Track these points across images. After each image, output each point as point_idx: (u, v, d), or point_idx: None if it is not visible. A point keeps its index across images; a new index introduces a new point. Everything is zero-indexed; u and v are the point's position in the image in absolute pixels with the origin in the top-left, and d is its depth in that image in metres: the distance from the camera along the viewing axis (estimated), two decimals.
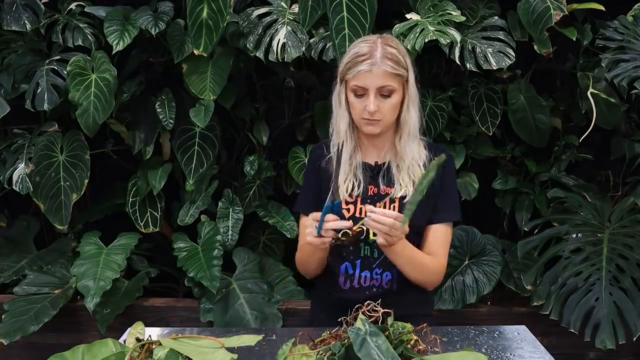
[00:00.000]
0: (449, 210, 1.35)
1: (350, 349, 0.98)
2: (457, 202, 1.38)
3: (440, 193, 1.34)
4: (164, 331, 1.36)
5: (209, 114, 2.22)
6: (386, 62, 1.26)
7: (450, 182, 1.36)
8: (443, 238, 1.35)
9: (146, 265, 2.46)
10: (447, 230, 1.36)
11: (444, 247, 1.35)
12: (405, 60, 1.31)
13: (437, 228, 1.35)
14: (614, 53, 2.15)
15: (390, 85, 1.28)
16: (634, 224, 2.17)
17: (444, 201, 1.34)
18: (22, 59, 2.34)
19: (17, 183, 2.28)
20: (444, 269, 1.36)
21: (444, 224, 1.35)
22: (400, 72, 1.28)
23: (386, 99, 1.29)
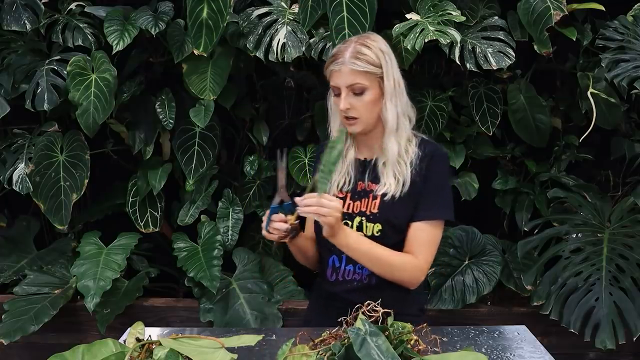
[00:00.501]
0: (432, 208, 1.32)
1: (350, 349, 0.98)
2: (445, 200, 1.34)
3: (423, 190, 1.32)
4: (164, 331, 1.36)
5: (209, 114, 2.22)
6: (353, 61, 1.29)
7: (436, 179, 1.32)
8: (423, 236, 1.31)
9: (146, 265, 2.46)
10: (430, 228, 1.32)
11: (425, 246, 1.31)
12: (380, 58, 1.31)
13: (418, 226, 1.32)
14: (614, 53, 2.15)
15: (360, 83, 1.30)
16: (634, 224, 2.17)
17: (427, 199, 1.32)
18: (22, 59, 2.34)
19: (17, 183, 2.28)
20: (422, 269, 1.32)
21: (426, 222, 1.32)
22: (370, 70, 1.30)
23: (359, 96, 1.31)
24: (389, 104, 1.33)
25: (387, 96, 1.32)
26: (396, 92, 1.33)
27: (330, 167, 1.26)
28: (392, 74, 1.32)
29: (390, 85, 1.32)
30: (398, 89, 1.34)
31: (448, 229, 2.34)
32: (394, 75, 1.33)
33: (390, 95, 1.32)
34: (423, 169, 1.32)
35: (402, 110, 1.35)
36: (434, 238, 1.33)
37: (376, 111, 1.34)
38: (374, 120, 1.35)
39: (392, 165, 1.33)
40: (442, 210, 1.33)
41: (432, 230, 1.33)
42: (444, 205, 1.33)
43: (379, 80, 1.32)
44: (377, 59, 1.31)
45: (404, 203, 1.31)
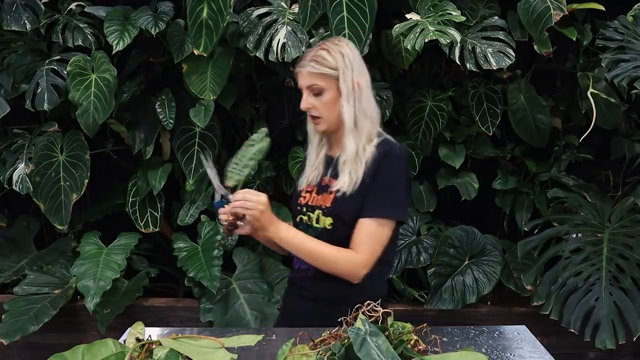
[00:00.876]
0: (378, 206, 1.35)
1: (350, 349, 0.98)
2: (393, 200, 1.36)
3: (371, 188, 1.36)
4: (164, 331, 1.36)
5: (209, 114, 2.22)
6: (310, 64, 1.38)
7: (385, 178, 1.36)
8: (366, 233, 1.35)
9: (146, 265, 2.46)
10: (375, 226, 1.35)
11: (367, 242, 1.35)
12: (338, 62, 1.37)
13: (362, 222, 1.36)
14: (614, 53, 2.15)
15: (317, 84, 1.38)
16: (634, 224, 2.17)
17: (374, 197, 1.35)
18: (22, 59, 2.34)
19: (17, 183, 2.28)
20: (361, 264, 1.35)
21: (371, 219, 1.35)
22: (326, 72, 1.37)
23: (318, 97, 1.40)
24: (345, 105, 1.38)
25: (344, 97, 1.38)
26: (354, 94, 1.38)
27: (247, 163, 1.39)
28: (350, 76, 1.38)
29: (347, 87, 1.38)
30: (357, 90, 1.39)
31: (448, 229, 2.34)
32: (352, 78, 1.38)
33: (347, 96, 1.38)
34: (374, 168, 1.36)
35: (360, 111, 1.40)
36: (378, 235, 1.36)
37: (336, 111, 1.40)
38: (336, 120, 1.41)
39: (350, 163, 1.39)
40: (388, 210, 1.36)
41: (376, 227, 1.35)
42: (391, 205, 1.36)
43: (336, 82, 1.38)
44: (334, 62, 1.38)
45: (354, 200, 1.36)
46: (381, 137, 1.44)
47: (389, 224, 1.37)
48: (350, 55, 1.40)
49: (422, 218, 2.43)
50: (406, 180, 1.41)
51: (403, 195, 1.39)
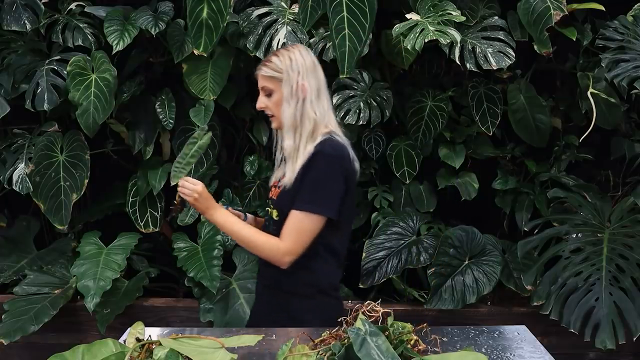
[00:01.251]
0: (303, 201, 1.44)
1: (350, 349, 0.98)
2: (317, 196, 1.44)
3: (300, 184, 1.45)
4: (164, 331, 1.36)
5: (209, 114, 2.22)
6: (262, 67, 1.52)
7: (310, 174, 1.44)
8: (291, 224, 1.45)
9: (146, 265, 2.46)
10: (300, 218, 1.44)
11: (292, 233, 1.45)
12: (285, 66, 1.49)
13: (291, 213, 1.45)
14: (614, 53, 2.15)
15: (267, 85, 1.52)
16: (634, 224, 2.16)
17: (302, 192, 1.44)
18: (22, 59, 2.34)
19: (17, 183, 2.28)
20: (285, 252, 1.45)
21: (297, 212, 1.44)
22: (272, 75, 1.50)
23: (269, 97, 1.53)
24: (285, 105, 1.49)
25: (285, 98, 1.49)
26: (297, 96, 1.48)
27: (189, 160, 1.57)
28: (294, 79, 1.48)
29: (289, 89, 1.48)
30: (300, 93, 1.48)
31: (448, 229, 2.34)
32: (297, 81, 1.48)
33: (288, 97, 1.48)
34: (306, 165, 1.45)
35: (302, 112, 1.48)
36: (302, 227, 1.44)
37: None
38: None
39: (289, 160, 1.50)
40: (312, 205, 1.44)
41: (301, 220, 1.44)
42: (316, 201, 1.44)
43: (282, 84, 1.50)
44: (281, 66, 1.49)
45: (289, 194, 1.47)
46: (325, 136, 1.49)
47: (313, 217, 1.44)
48: (298, 60, 1.50)
49: (422, 218, 2.43)
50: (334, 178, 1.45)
51: (330, 192, 1.45)
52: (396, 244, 2.33)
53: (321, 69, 1.55)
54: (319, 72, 1.53)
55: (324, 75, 1.55)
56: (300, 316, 1.50)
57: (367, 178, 2.54)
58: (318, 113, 1.50)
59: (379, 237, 2.35)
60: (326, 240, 1.50)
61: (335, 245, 1.53)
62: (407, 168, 2.46)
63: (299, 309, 1.51)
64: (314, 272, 1.51)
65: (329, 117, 1.53)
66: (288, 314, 1.52)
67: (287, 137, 1.50)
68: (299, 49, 1.54)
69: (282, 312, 1.53)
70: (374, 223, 2.44)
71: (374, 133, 2.47)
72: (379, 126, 2.43)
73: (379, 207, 2.46)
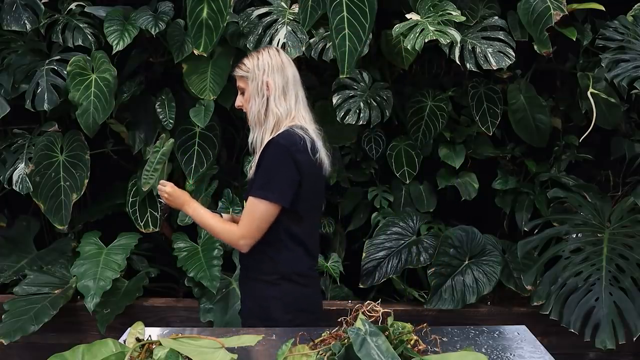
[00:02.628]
0: (254, 188, 1.53)
1: (350, 349, 0.98)
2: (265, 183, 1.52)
3: (255, 172, 1.56)
4: (164, 331, 1.36)
5: (209, 114, 2.22)
6: (236, 68, 1.64)
7: (263, 164, 1.52)
8: (245, 210, 1.55)
9: (146, 265, 2.46)
10: (251, 203, 1.53)
11: (245, 218, 1.55)
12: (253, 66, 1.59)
13: (247, 200, 1.55)
14: (614, 53, 2.15)
15: (240, 84, 1.64)
16: (634, 224, 2.16)
17: (255, 180, 1.55)
18: (22, 59, 2.34)
19: (17, 183, 2.28)
20: (239, 236, 1.55)
21: (250, 197, 1.54)
22: (242, 74, 1.62)
23: (243, 96, 1.65)
24: (252, 102, 1.60)
25: (251, 95, 1.60)
26: (261, 93, 1.58)
27: (155, 167, 1.77)
28: (260, 78, 1.58)
29: (254, 87, 1.59)
30: (264, 91, 1.57)
31: (448, 229, 2.34)
32: (262, 78, 1.58)
33: (253, 94, 1.59)
34: (260, 155, 1.55)
35: (266, 108, 1.58)
36: (254, 213, 1.53)
37: None
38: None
39: (255, 153, 1.60)
40: (257, 190, 1.52)
41: (252, 205, 1.53)
42: (265, 187, 1.52)
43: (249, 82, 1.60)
44: (248, 66, 1.60)
45: (250, 184, 1.58)
46: (284, 129, 1.57)
47: (260, 203, 1.52)
48: (265, 59, 1.60)
49: (422, 218, 2.43)
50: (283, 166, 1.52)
51: (280, 180, 1.52)
52: (396, 244, 2.33)
53: (292, 68, 1.63)
54: (287, 70, 1.61)
55: (295, 74, 1.64)
56: (264, 302, 1.58)
57: (367, 178, 2.54)
58: (282, 109, 1.58)
59: (379, 237, 2.35)
60: (289, 229, 1.56)
61: (298, 233, 1.58)
62: (407, 168, 2.45)
63: (262, 294, 1.59)
64: (277, 259, 1.58)
65: (296, 112, 1.60)
66: (254, 298, 1.61)
67: (252, 132, 1.61)
68: (268, 49, 1.64)
69: (250, 298, 1.63)
70: (374, 223, 2.44)
71: (374, 133, 2.47)
72: (379, 126, 2.43)
73: (379, 207, 2.46)
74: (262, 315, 1.56)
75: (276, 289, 1.57)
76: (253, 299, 1.61)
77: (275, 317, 1.54)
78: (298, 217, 1.56)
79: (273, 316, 1.54)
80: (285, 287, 1.58)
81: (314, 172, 1.56)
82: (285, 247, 1.57)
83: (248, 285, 1.65)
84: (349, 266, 2.41)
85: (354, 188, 2.57)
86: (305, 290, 1.62)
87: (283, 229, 1.55)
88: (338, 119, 2.27)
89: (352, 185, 2.57)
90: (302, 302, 1.61)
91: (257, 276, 1.60)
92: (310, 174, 1.55)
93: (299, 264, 1.60)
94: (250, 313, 1.63)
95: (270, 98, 1.57)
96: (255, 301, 1.60)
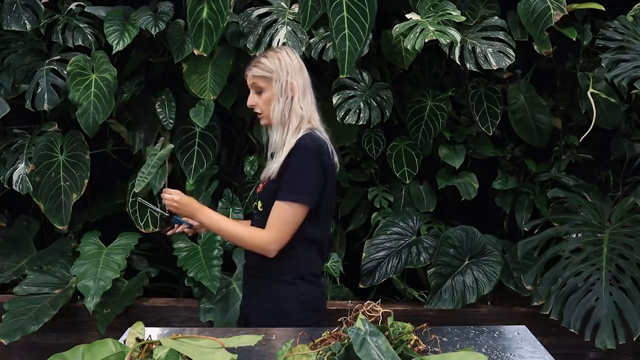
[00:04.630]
0: (285, 191, 1.52)
1: (350, 349, 0.98)
2: (298, 186, 1.52)
3: (283, 176, 1.53)
4: (164, 331, 1.36)
5: (209, 114, 2.22)
6: (252, 67, 1.61)
7: (290, 167, 1.52)
8: (275, 214, 1.53)
9: (146, 265, 2.46)
10: (282, 208, 1.52)
11: (276, 223, 1.53)
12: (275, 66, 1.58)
13: (275, 205, 1.53)
14: (614, 53, 2.15)
15: (257, 83, 1.60)
16: (634, 224, 2.16)
17: (284, 183, 1.53)
18: (22, 59, 2.34)
19: (17, 183, 2.28)
20: (270, 241, 1.53)
21: (279, 202, 1.52)
22: (263, 74, 1.59)
23: (259, 95, 1.61)
24: (275, 102, 1.58)
25: (276, 96, 1.58)
26: (285, 94, 1.57)
27: (150, 170, 1.68)
28: (284, 78, 1.57)
29: (279, 87, 1.57)
30: (289, 91, 1.57)
31: (448, 229, 2.34)
32: (287, 79, 1.57)
33: (279, 95, 1.57)
34: (287, 158, 1.54)
35: (290, 109, 1.57)
36: (286, 216, 1.53)
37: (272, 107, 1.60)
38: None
39: (276, 154, 1.58)
40: (289, 194, 1.52)
41: (283, 209, 1.52)
42: (292, 190, 1.52)
43: (272, 83, 1.58)
44: (271, 66, 1.58)
45: (273, 186, 1.55)
46: (306, 131, 1.57)
47: (292, 206, 1.52)
48: (286, 60, 1.60)
49: (422, 218, 2.43)
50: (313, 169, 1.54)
51: (305, 181, 1.53)
52: (396, 244, 2.33)
53: (306, 69, 1.64)
54: (304, 72, 1.63)
55: (308, 75, 1.64)
56: (281, 301, 1.58)
57: (367, 178, 2.54)
58: (304, 110, 1.59)
59: (379, 237, 2.35)
60: (307, 230, 1.57)
61: (315, 235, 1.60)
62: (407, 168, 2.46)
63: (279, 294, 1.59)
64: (295, 259, 1.58)
65: (312, 113, 1.62)
66: (269, 298, 1.60)
67: (275, 133, 1.58)
68: (286, 50, 1.64)
69: (264, 297, 1.61)
70: (374, 223, 2.44)
71: (374, 133, 2.47)
72: (379, 126, 2.43)
73: (379, 207, 2.46)
74: (278, 314, 1.57)
75: (293, 288, 1.59)
76: (267, 298, 1.61)
77: (292, 316, 1.55)
78: (317, 219, 1.58)
79: (290, 315, 1.56)
80: (302, 286, 1.60)
81: (333, 175, 1.60)
82: (303, 248, 1.59)
83: (261, 284, 1.63)
84: (349, 266, 2.41)
85: (354, 188, 2.57)
86: (317, 290, 1.66)
87: (302, 231, 1.56)
88: (338, 119, 2.27)
89: (352, 185, 2.57)
90: (315, 301, 1.64)
91: (273, 276, 1.60)
92: (331, 177, 1.58)
93: (313, 264, 1.64)
94: (262, 312, 1.62)
95: (294, 99, 1.57)
96: (270, 300, 1.60)
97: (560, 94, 2.53)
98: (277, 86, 1.57)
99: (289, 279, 1.59)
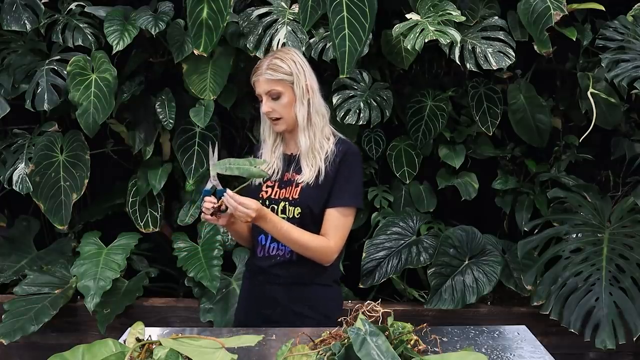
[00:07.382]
0: (342, 197, 1.53)
1: (350, 349, 0.98)
2: (354, 191, 1.55)
3: (335, 181, 1.54)
4: (164, 331, 1.36)
5: (209, 114, 2.22)
6: (267, 72, 1.54)
7: (346, 172, 1.54)
8: (333, 221, 1.53)
9: (146, 265, 2.46)
10: (341, 214, 1.53)
11: (335, 229, 1.53)
12: (292, 68, 1.54)
13: (330, 212, 1.54)
14: (614, 53, 2.15)
15: (275, 89, 1.54)
16: (634, 224, 2.17)
17: (338, 189, 1.53)
18: (22, 59, 2.34)
19: (17, 183, 2.28)
20: (332, 249, 1.54)
21: (336, 208, 1.53)
22: (282, 78, 1.53)
23: (277, 100, 1.55)
24: (299, 106, 1.55)
25: (298, 99, 1.55)
26: (307, 95, 1.56)
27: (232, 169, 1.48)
28: (303, 80, 1.55)
29: (300, 89, 1.54)
30: (311, 92, 1.56)
31: (448, 229, 2.34)
32: (306, 81, 1.55)
33: (301, 98, 1.55)
34: (337, 163, 1.54)
35: (313, 110, 1.57)
36: (345, 223, 1.55)
37: (293, 112, 1.57)
38: (293, 120, 1.57)
39: (305, 157, 1.56)
40: (351, 199, 1.55)
41: (342, 215, 1.54)
42: (353, 195, 1.55)
43: (291, 86, 1.55)
44: (289, 69, 1.54)
45: (319, 191, 1.53)
46: (337, 137, 1.61)
47: (352, 212, 1.57)
48: (300, 62, 1.57)
49: (422, 218, 2.43)
50: (361, 174, 1.61)
51: (360, 186, 1.59)
52: (396, 244, 2.33)
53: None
54: (313, 72, 1.61)
55: None
56: (322, 305, 1.59)
57: (367, 178, 2.54)
58: (324, 110, 1.60)
59: (379, 237, 2.35)
60: None
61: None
62: (407, 168, 2.46)
63: (319, 296, 1.59)
64: (333, 263, 1.60)
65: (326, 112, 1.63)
66: (309, 303, 1.58)
67: (302, 137, 1.56)
68: (294, 51, 1.61)
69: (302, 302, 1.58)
70: (374, 223, 2.44)
71: (374, 133, 2.47)
72: (379, 126, 2.43)
73: (379, 207, 2.46)
74: (317, 317, 1.56)
75: (332, 290, 1.63)
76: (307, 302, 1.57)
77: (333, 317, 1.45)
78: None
79: (332, 316, 1.49)
80: (336, 288, 1.66)
81: None
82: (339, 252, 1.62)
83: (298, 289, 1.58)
84: (349, 266, 2.41)
85: None
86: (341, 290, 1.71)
87: None
88: (338, 119, 2.27)
89: None
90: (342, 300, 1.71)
91: (311, 280, 1.59)
92: None
93: (339, 266, 1.69)
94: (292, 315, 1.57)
95: (315, 100, 1.57)
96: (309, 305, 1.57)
97: (560, 94, 2.53)
98: (298, 89, 1.54)
99: (328, 282, 1.63)
